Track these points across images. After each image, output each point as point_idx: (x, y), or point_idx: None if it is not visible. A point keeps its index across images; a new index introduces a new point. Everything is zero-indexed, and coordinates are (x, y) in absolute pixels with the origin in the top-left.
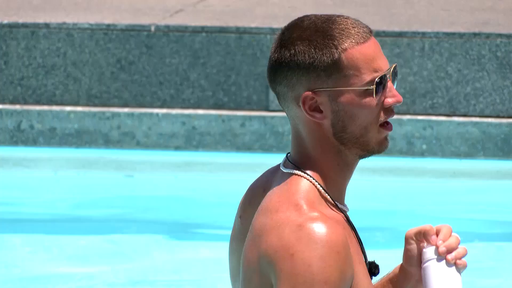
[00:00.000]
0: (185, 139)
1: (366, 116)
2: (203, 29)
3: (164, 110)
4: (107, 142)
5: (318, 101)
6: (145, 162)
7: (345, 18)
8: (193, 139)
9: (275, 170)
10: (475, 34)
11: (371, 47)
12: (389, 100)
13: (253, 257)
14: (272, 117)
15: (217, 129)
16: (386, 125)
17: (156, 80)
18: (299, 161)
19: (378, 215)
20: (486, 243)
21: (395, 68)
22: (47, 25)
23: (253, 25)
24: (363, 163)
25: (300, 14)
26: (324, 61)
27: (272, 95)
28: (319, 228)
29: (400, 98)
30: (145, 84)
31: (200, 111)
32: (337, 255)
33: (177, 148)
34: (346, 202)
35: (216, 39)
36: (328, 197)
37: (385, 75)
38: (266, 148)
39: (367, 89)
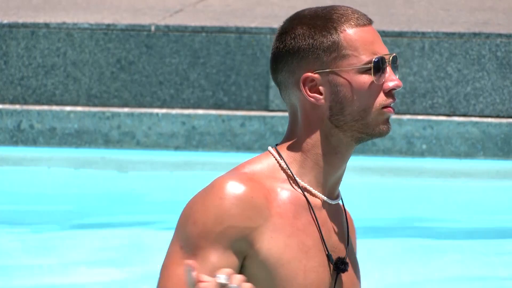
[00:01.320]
0: (185, 139)
1: (365, 98)
2: (203, 29)
3: (164, 110)
4: (107, 142)
5: (317, 83)
6: (145, 162)
7: (346, 7)
8: (193, 139)
9: None
10: (475, 34)
11: (370, 32)
12: (389, 84)
13: None
14: (272, 117)
15: (217, 129)
16: (388, 108)
17: (156, 80)
18: (282, 142)
19: (378, 215)
20: (486, 243)
21: (395, 56)
22: (47, 25)
23: (253, 25)
24: (362, 162)
25: None
26: (323, 42)
27: (272, 95)
28: (223, 181)
29: (400, 83)
30: (145, 84)
31: (200, 111)
32: (220, 202)
33: (177, 148)
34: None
35: (216, 39)
36: (289, 172)
37: (383, 58)
38: (266, 148)
39: (365, 70)
